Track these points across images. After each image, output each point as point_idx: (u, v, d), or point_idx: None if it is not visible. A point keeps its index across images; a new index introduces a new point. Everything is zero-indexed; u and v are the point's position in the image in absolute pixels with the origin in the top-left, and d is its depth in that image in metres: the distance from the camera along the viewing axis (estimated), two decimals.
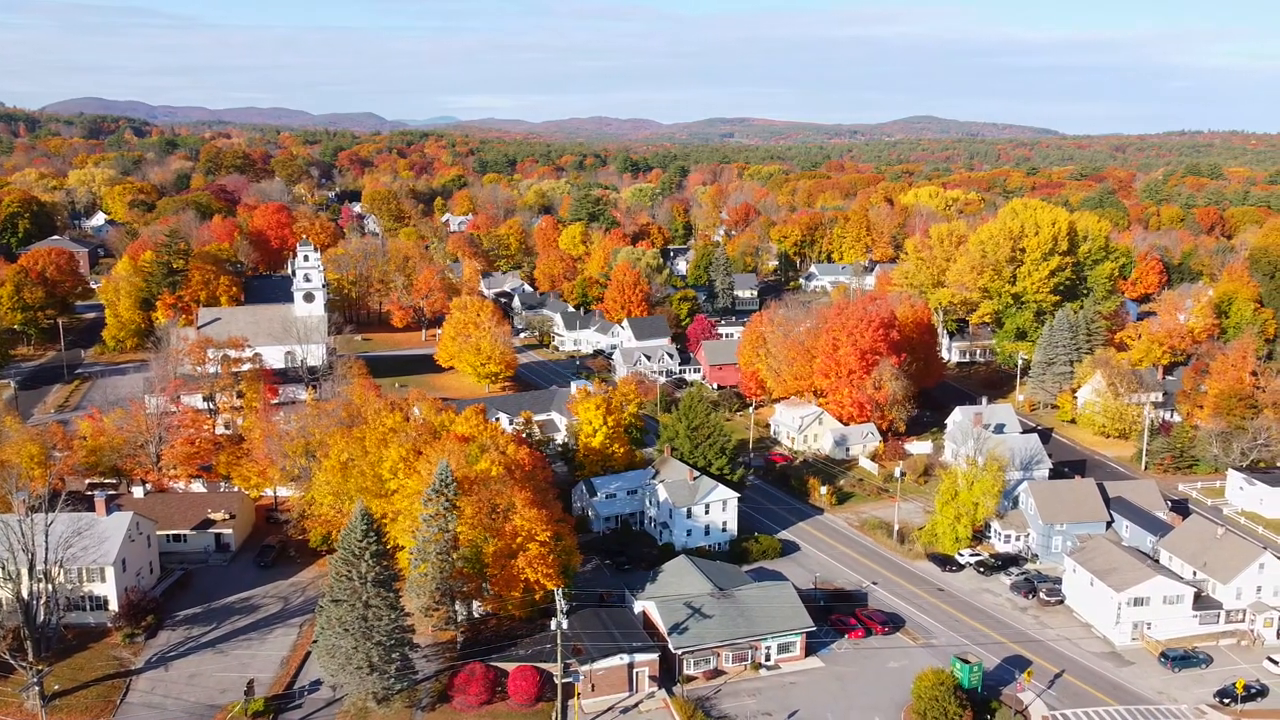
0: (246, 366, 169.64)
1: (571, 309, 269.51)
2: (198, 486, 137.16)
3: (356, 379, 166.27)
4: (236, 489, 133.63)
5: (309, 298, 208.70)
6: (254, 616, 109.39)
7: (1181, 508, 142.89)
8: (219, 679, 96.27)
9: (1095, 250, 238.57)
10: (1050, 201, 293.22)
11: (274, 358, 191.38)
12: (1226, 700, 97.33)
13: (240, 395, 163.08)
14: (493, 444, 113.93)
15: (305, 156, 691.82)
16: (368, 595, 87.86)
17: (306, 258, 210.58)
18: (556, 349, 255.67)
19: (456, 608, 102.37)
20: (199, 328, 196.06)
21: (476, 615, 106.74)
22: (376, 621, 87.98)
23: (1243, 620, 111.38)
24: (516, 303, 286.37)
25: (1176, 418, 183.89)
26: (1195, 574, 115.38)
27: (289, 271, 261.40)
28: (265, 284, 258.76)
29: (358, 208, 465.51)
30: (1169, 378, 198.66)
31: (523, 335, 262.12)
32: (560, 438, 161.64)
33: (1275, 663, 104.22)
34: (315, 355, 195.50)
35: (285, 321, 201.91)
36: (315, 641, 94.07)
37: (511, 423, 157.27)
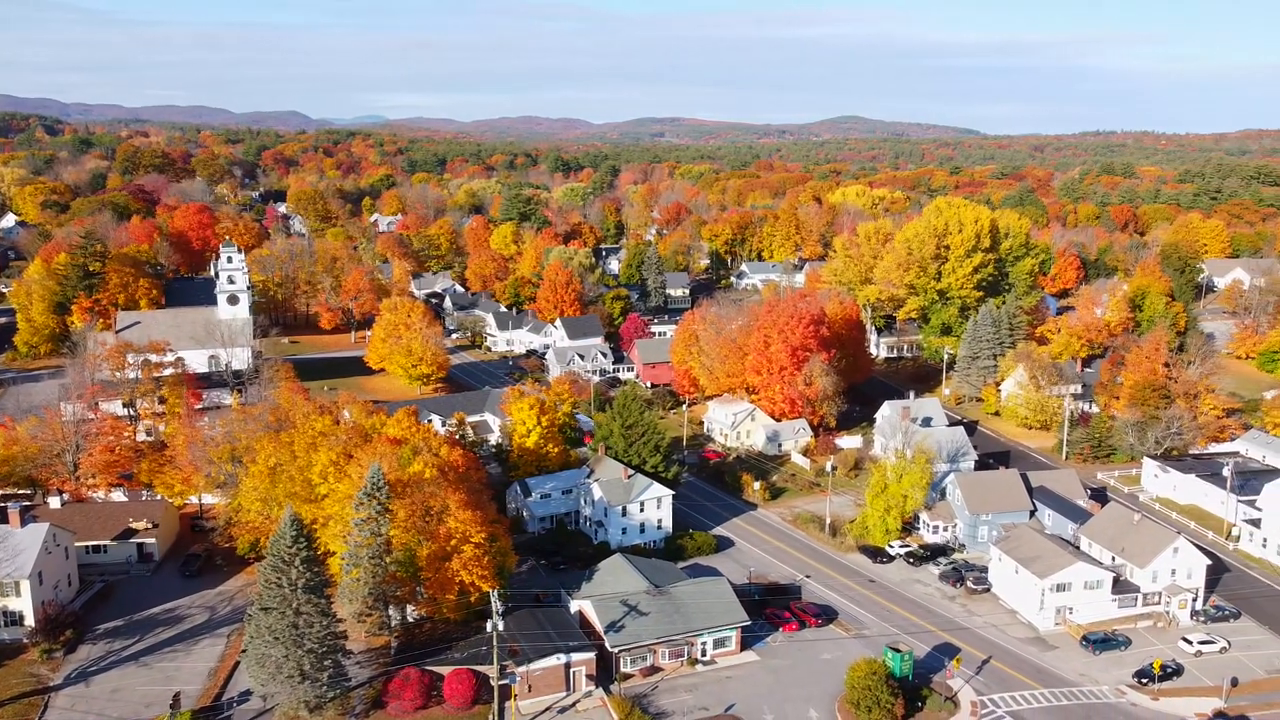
0: (168, 371, 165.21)
1: (504, 309, 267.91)
2: (118, 495, 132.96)
3: (284, 382, 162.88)
4: (159, 497, 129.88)
5: (233, 300, 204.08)
6: (179, 628, 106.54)
7: (1100, 495, 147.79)
8: (143, 693, 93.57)
9: (1016, 247, 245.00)
10: (973, 200, 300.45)
11: (197, 362, 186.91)
12: (1144, 680, 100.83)
13: (162, 401, 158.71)
14: (425, 446, 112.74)
15: (227, 156, 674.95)
16: (298, 602, 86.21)
17: (230, 259, 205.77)
18: (489, 349, 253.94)
19: (390, 612, 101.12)
20: (118, 332, 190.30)
21: (411, 619, 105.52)
22: (308, 629, 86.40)
23: (1159, 603, 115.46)
24: (448, 303, 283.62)
25: (1095, 408, 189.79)
26: (1114, 559, 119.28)
27: (212, 273, 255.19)
28: (187, 286, 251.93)
29: (283, 208, 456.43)
30: (1087, 370, 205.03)
31: (455, 336, 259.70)
32: (494, 439, 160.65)
33: (1189, 643, 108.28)
34: (240, 359, 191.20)
35: (209, 324, 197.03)
36: (244, 651, 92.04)
37: (444, 424, 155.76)
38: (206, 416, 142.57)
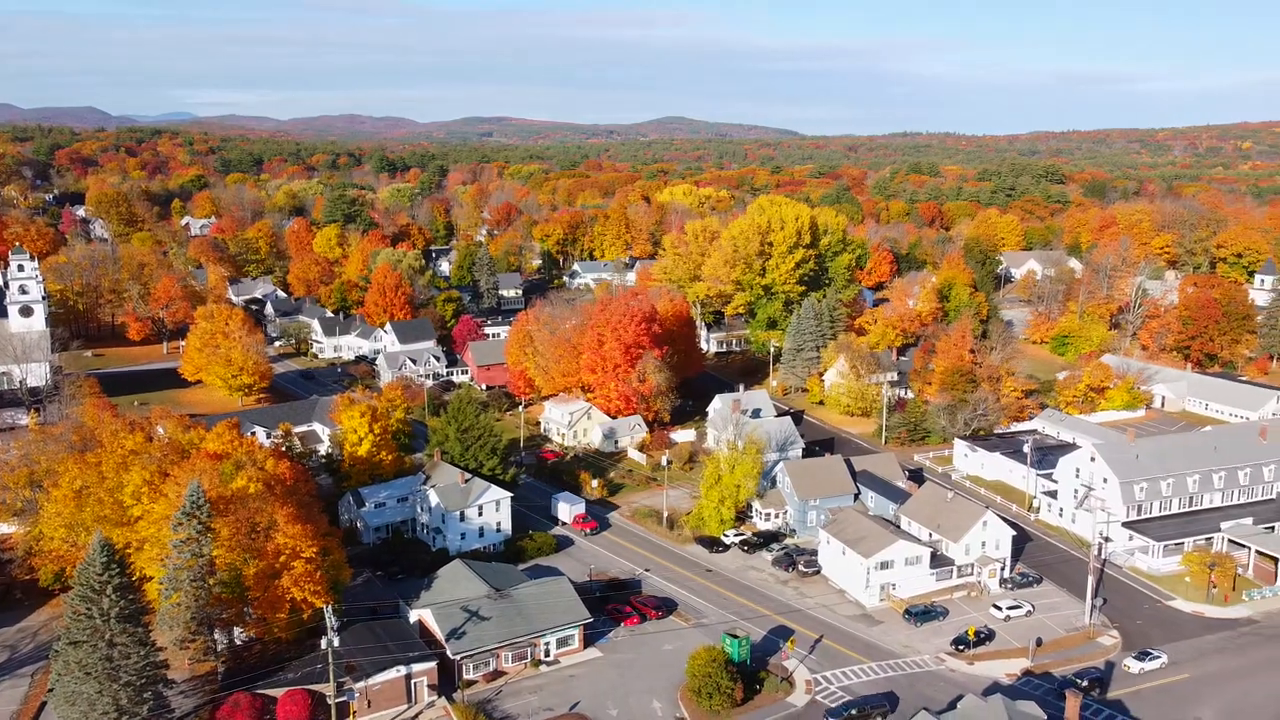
0: None
1: (330, 314, 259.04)
2: None
3: (88, 399, 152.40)
4: None
5: (26, 311, 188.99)
6: None
7: (918, 476, 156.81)
8: None
9: (835, 243, 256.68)
10: (793, 198, 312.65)
11: None
12: (961, 647, 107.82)
13: None
14: (249, 460, 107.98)
15: (15, 155, 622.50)
16: (112, 633, 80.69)
17: (21, 267, 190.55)
18: (316, 356, 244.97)
19: (216, 636, 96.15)
20: None
21: (239, 642, 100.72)
22: (124, 660, 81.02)
23: (972, 574, 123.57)
24: (269, 310, 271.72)
25: (910, 395, 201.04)
26: (931, 535, 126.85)
27: (1, 283, 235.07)
28: None
29: (81, 211, 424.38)
30: (902, 358, 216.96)
31: (278, 344, 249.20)
32: (324, 449, 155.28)
33: (999, 609, 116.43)
34: (36, 375, 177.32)
35: None
36: (51, 690, 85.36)
37: (269, 436, 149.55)
38: None
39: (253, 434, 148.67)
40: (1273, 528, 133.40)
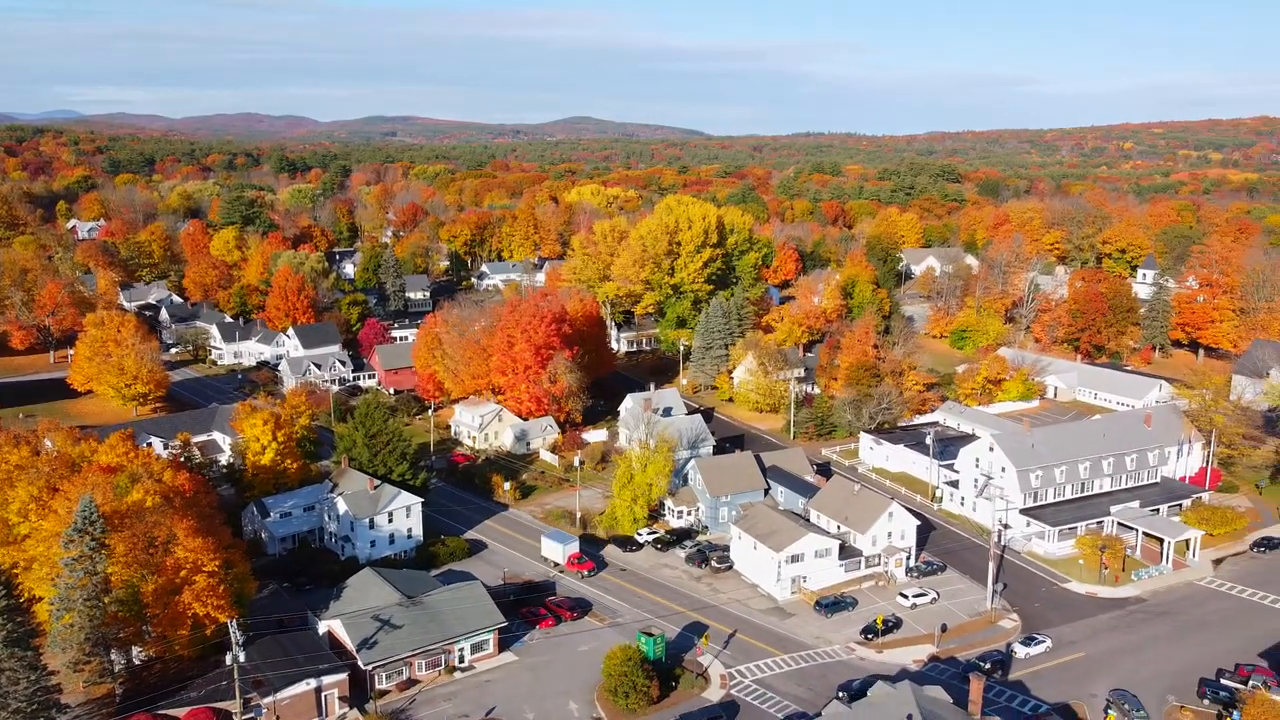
0: None
1: (230, 319, 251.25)
2: None
3: None
4: None
5: None
6: None
7: (825, 470, 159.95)
8: None
9: (741, 242, 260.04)
10: (700, 198, 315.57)
11: None
12: (870, 636, 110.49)
13: None
14: (146, 472, 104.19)
15: None
16: None
17: None
18: (215, 363, 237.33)
19: (113, 657, 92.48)
20: None
21: (138, 662, 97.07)
22: (12, 687, 77.32)
23: (879, 564, 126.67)
24: (165, 315, 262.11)
25: (816, 390, 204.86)
26: (839, 528, 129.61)
27: None
28: None
29: None
30: (809, 355, 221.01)
31: (175, 351, 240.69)
32: (225, 458, 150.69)
33: (905, 597, 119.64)
34: None
35: None
36: None
37: (167, 446, 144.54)
38: None
39: (149, 445, 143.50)
40: (1158, 510, 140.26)
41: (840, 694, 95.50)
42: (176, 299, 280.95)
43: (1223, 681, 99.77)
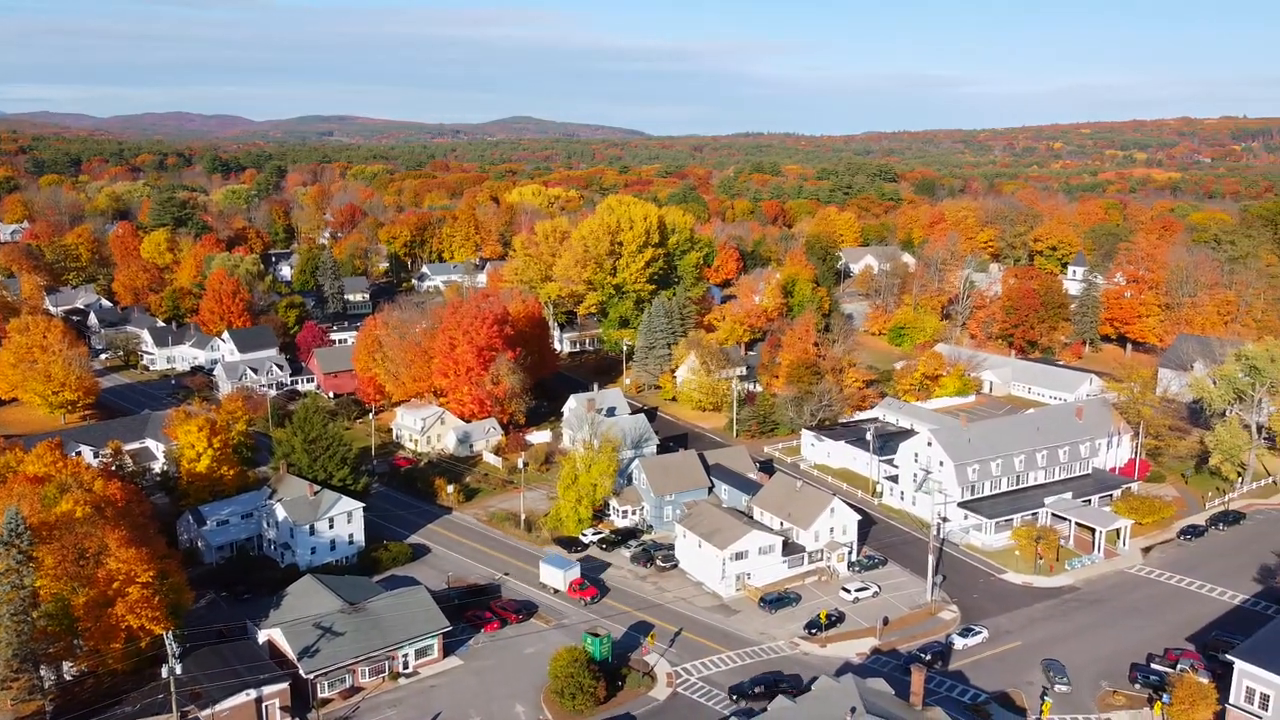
0: None
1: (162, 324, 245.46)
2: None
3: None
4: None
5: None
6: None
7: (768, 467, 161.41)
8: None
9: (683, 242, 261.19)
10: (641, 198, 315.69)
11: None
12: (814, 631, 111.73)
13: None
14: (75, 481, 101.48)
15: None
16: None
17: None
18: (147, 369, 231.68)
19: (43, 673, 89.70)
20: None
21: (69, 678, 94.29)
22: None
23: (822, 559, 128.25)
24: (93, 320, 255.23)
25: (758, 388, 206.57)
26: (782, 524, 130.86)
27: None
28: None
29: None
30: (750, 353, 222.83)
31: (104, 356, 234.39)
32: (159, 466, 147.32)
33: (848, 592, 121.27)
34: None
35: None
36: None
37: (98, 455, 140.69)
38: None
39: (78, 454, 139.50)
40: (1090, 501, 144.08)
41: (733, 695, 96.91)
42: (106, 303, 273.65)
43: (1153, 666, 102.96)
